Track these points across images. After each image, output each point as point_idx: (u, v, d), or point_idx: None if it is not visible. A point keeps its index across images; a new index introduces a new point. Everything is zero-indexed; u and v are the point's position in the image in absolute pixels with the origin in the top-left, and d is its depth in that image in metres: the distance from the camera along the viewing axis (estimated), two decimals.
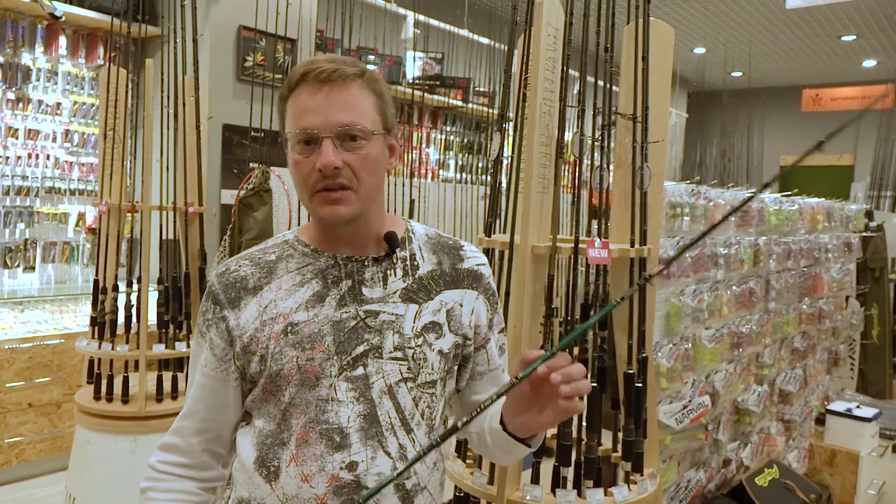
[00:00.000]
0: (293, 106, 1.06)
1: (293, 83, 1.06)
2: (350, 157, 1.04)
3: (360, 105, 1.05)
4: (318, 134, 1.03)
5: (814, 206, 3.76)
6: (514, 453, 1.14)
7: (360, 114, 1.05)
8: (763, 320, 3.12)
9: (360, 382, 1.06)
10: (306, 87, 1.04)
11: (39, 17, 4.09)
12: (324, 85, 1.03)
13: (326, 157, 1.02)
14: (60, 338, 3.74)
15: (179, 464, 1.14)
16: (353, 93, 1.04)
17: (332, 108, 1.03)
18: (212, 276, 1.13)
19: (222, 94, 4.19)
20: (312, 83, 1.04)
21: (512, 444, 1.09)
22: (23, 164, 4.15)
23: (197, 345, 1.14)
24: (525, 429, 1.05)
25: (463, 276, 1.18)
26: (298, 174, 1.06)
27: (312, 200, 1.06)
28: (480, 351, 1.21)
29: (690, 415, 2.41)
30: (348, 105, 1.04)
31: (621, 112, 1.99)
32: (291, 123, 1.06)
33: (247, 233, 2.97)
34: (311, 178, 1.04)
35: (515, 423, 1.06)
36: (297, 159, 1.05)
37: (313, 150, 1.03)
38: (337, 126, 1.03)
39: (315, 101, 1.03)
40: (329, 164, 1.02)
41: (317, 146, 1.03)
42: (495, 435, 1.11)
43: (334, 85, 1.03)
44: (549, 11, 1.78)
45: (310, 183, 1.04)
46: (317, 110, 1.03)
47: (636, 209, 1.95)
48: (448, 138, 6.39)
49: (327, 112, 1.03)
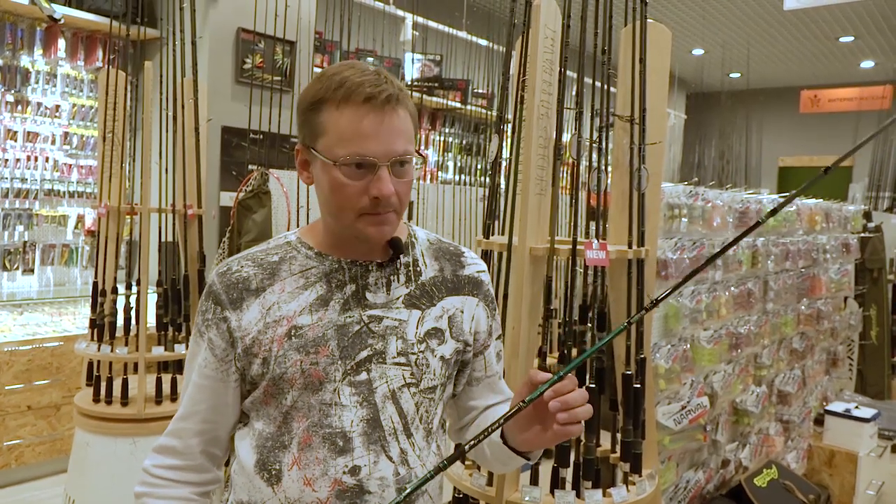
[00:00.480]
0: (347, 126, 1.02)
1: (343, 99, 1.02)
2: (398, 183, 1.04)
3: (409, 130, 1.05)
4: (377, 162, 1.01)
5: (812, 207, 3.77)
6: (511, 464, 1.15)
7: (409, 139, 1.05)
8: (761, 321, 3.13)
9: (363, 387, 1.07)
10: (367, 110, 1.01)
11: (38, 19, 4.09)
12: (384, 111, 1.01)
13: (388, 187, 1.01)
14: (59, 340, 3.74)
15: (176, 467, 1.12)
16: (404, 118, 1.04)
17: (392, 135, 1.02)
18: (212, 276, 1.12)
19: (221, 96, 4.20)
20: (374, 107, 1.01)
21: (511, 456, 1.11)
22: (22, 167, 4.16)
23: (195, 344, 1.12)
24: (526, 444, 1.07)
25: (464, 282, 1.19)
26: (344, 196, 1.03)
27: (359, 221, 1.05)
28: (478, 357, 1.22)
29: (689, 415, 2.42)
30: (402, 132, 1.03)
31: (619, 114, 2.00)
32: (341, 144, 1.02)
33: (246, 235, 2.97)
34: (361, 202, 1.03)
35: (517, 438, 1.08)
36: (345, 182, 1.02)
37: (364, 175, 1.02)
38: (394, 155, 1.02)
39: (377, 128, 1.01)
40: (390, 193, 1.02)
41: (369, 172, 1.02)
42: (495, 447, 1.13)
43: (392, 108, 1.02)
44: (546, 14, 1.79)
45: (358, 206, 1.03)
46: (378, 137, 1.01)
47: (634, 210, 1.95)
48: (447, 140, 6.40)
49: (387, 140, 1.02)
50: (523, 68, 1.89)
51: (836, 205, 4.21)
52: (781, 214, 3.35)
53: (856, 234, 4.52)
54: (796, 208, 3.54)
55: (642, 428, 1.95)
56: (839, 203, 4.30)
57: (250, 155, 4.04)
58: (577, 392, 0.97)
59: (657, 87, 2.03)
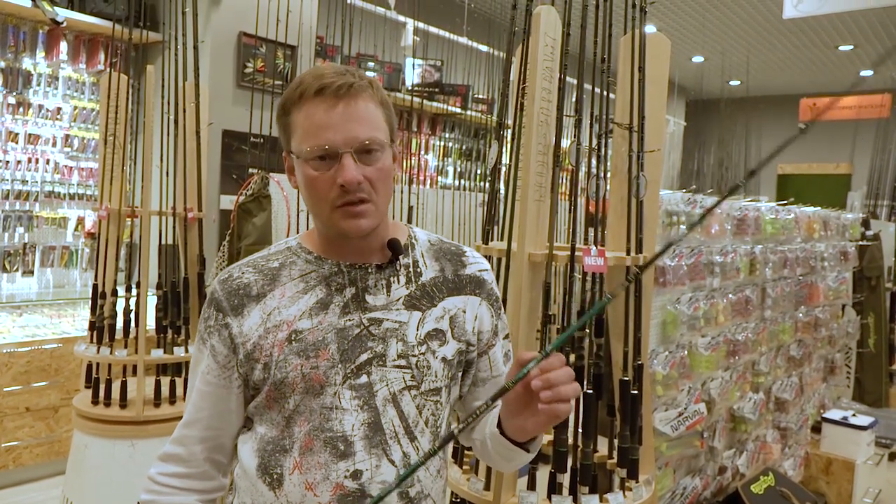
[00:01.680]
0: (305, 121, 1.04)
1: (299, 97, 1.04)
2: (369, 170, 1.04)
3: (374, 118, 1.05)
4: (338, 150, 1.02)
5: (810, 215, 3.78)
6: (515, 459, 1.14)
7: (374, 127, 1.05)
8: (759, 328, 3.13)
9: (364, 390, 1.06)
10: (319, 102, 1.03)
11: (41, 22, 4.11)
12: (339, 100, 1.03)
13: (350, 173, 1.02)
14: (59, 342, 3.74)
15: (181, 475, 1.12)
16: (366, 106, 1.05)
17: (350, 122, 1.03)
18: (214, 283, 1.13)
19: (222, 100, 4.21)
20: (327, 98, 1.02)
21: (511, 448, 1.09)
22: (23, 169, 4.16)
23: (198, 351, 1.13)
24: (521, 432, 1.05)
25: (465, 282, 1.18)
26: (316, 189, 1.05)
27: (333, 215, 1.05)
28: (483, 357, 1.21)
29: (686, 422, 2.42)
30: (364, 119, 1.04)
31: (618, 121, 2.01)
32: (304, 139, 1.04)
33: (245, 238, 2.98)
34: (331, 194, 1.04)
35: (511, 426, 1.06)
36: (314, 175, 1.04)
37: (330, 165, 1.03)
38: (356, 141, 1.03)
39: (332, 117, 1.02)
40: (353, 179, 1.02)
41: (334, 162, 1.03)
42: (494, 439, 1.12)
43: (349, 98, 1.03)
44: (546, 21, 1.80)
45: (329, 198, 1.04)
46: (335, 126, 1.02)
47: (632, 217, 1.96)
48: (447, 145, 6.41)
49: (346, 127, 1.02)
50: (523, 75, 1.90)
51: (835, 213, 4.23)
52: (780, 222, 3.36)
53: (854, 242, 4.53)
54: (794, 216, 3.55)
55: (639, 434, 1.95)
56: (837, 211, 4.31)
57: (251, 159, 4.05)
58: (562, 370, 0.94)
59: (656, 95, 2.04)
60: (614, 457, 1.97)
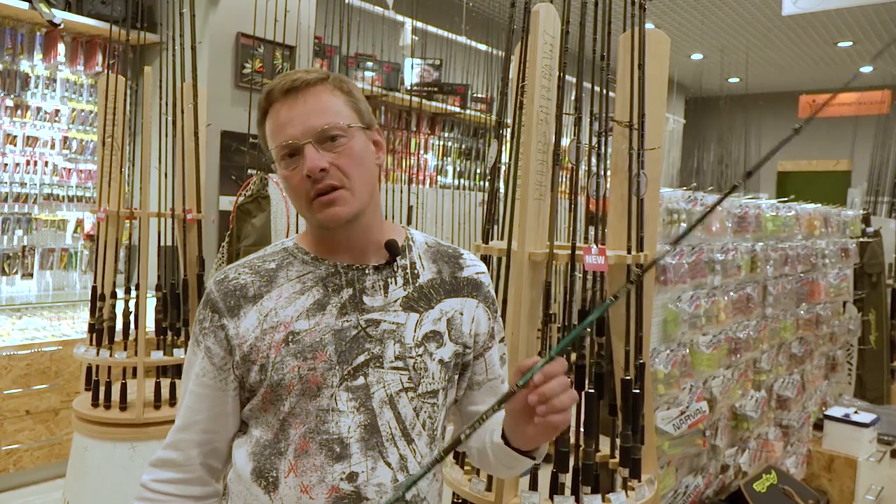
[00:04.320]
0: (269, 125, 1.08)
1: (268, 105, 1.08)
2: (334, 156, 1.05)
3: (332, 106, 1.07)
4: (299, 142, 1.04)
5: (811, 212, 3.77)
6: (517, 467, 1.13)
7: (333, 114, 1.06)
8: (760, 326, 3.12)
9: (360, 392, 1.06)
10: (276, 104, 1.07)
11: (38, 24, 4.10)
12: (291, 95, 1.06)
13: (311, 161, 1.03)
14: (58, 345, 3.73)
15: (175, 480, 1.11)
16: (322, 97, 1.06)
17: (306, 115, 1.05)
18: (209, 284, 1.12)
19: (221, 100, 4.20)
20: (281, 98, 1.06)
21: (515, 457, 1.08)
22: (21, 171, 4.16)
23: (192, 353, 1.12)
24: (528, 441, 1.04)
25: (463, 284, 1.18)
26: (290, 187, 1.07)
27: (311, 208, 1.06)
28: (479, 360, 1.20)
29: (688, 421, 2.41)
30: (320, 109, 1.06)
31: (618, 119, 2.00)
32: (272, 140, 1.08)
33: (245, 239, 2.97)
34: (303, 187, 1.05)
35: (515, 435, 1.05)
36: (287, 174, 1.06)
37: (298, 160, 1.05)
38: (314, 130, 1.04)
39: (289, 114, 1.05)
40: (315, 167, 1.03)
41: (300, 156, 1.04)
42: (497, 449, 1.10)
43: (301, 92, 1.06)
44: (545, 19, 1.79)
45: (302, 192, 1.05)
46: (292, 121, 1.05)
47: (633, 216, 1.95)
48: (446, 144, 6.41)
49: (302, 120, 1.05)
50: (523, 73, 1.89)
51: (835, 209, 4.22)
52: (780, 219, 3.35)
53: (855, 238, 4.52)
54: (795, 213, 3.54)
55: (641, 433, 1.94)
56: (838, 208, 4.31)
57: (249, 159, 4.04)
58: (556, 381, 0.93)
59: (656, 92, 2.03)
60: (616, 456, 1.97)
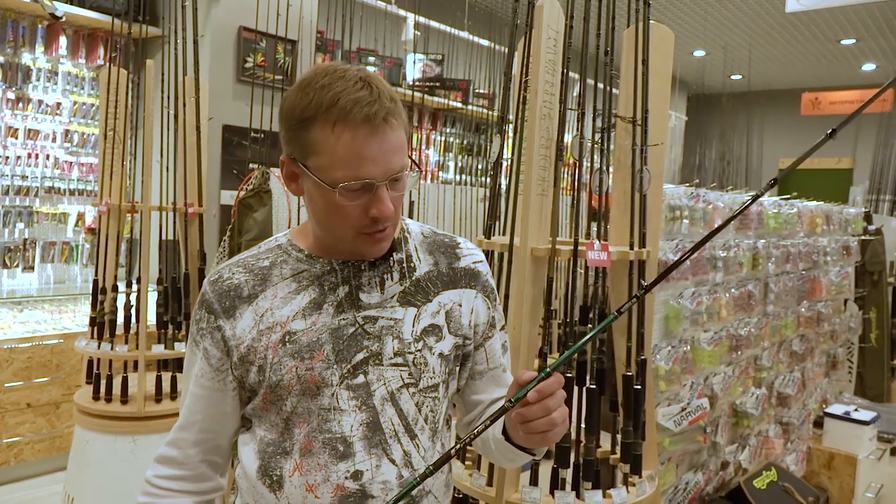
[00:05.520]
0: (341, 150, 0.97)
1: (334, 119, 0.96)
2: (395, 196, 1.02)
3: (404, 143, 1.01)
4: (376, 182, 0.98)
5: (812, 210, 3.77)
6: (517, 461, 1.13)
7: (404, 152, 1.01)
8: (761, 323, 3.12)
9: (361, 390, 1.05)
10: (359, 131, 0.96)
11: (40, 17, 4.09)
12: (381, 132, 0.97)
13: (388, 207, 0.99)
14: (59, 338, 3.74)
15: (177, 477, 1.12)
16: (398, 132, 1.00)
17: (389, 154, 0.98)
18: (204, 284, 1.11)
19: (222, 94, 4.20)
20: (369, 128, 0.96)
21: (516, 452, 1.09)
22: (22, 164, 4.16)
23: (191, 353, 1.11)
24: (530, 443, 1.05)
25: (460, 275, 1.17)
26: (344, 216, 1.00)
27: (357, 239, 1.03)
28: (479, 350, 1.19)
29: (689, 417, 2.42)
30: (398, 148, 1.00)
31: (621, 115, 2.00)
32: (338, 167, 0.97)
33: (246, 234, 2.97)
34: (361, 222, 1.00)
35: (516, 434, 1.05)
36: (345, 203, 0.99)
37: (362, 195, 0.98)
38: (391, 173, 0.99)
39: (372, 149, 0.97)
40: (390, 213, 1.00)
41: (367, 192, 0.98)
42: (498, 443, 1.11)
43: (386, 128, 0.98)
44: (549, 14, 1.79)
45: (358, 225, 1.01)
46: (374, 159, 0.97)
47: (635, 212, 1.95)
48: (448, 140, 6.40)
49: (385, 160, 0.98)
50: (526, 69, 1.89)
51: (837, 207, 4.21)
52: (782, 217, 3.35)
53: (856, 236, 4.52)
54: (797, 211, 3.54)
55: (642, 429, 1.95)
56: (840, 206, 4.30)
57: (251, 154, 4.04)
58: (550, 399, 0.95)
59: (659, 88, 2.03)
60: (617, 452, 1.97)
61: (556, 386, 0.94)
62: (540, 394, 0.94)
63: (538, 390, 0.93)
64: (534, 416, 0.95)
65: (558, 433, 0.98)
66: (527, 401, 0.95)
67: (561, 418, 0.96)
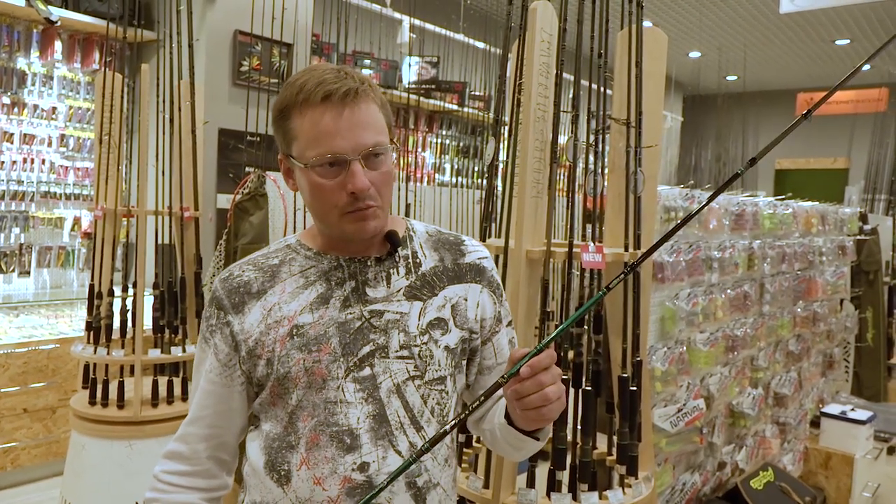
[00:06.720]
0: (311, 128, 1.03)
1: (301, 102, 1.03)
2: (374, 175, 1.05)
3: (378, 122, 1.06)
4: (347, 157, 1.03)
5: (808, 210, 3.78)
6: (524, 448, 1.14)
7: (378, 131, 1.05)
8: (757, 323, 3.13)
9: (367, 383, 1.07)
10: (324, 109, 1.02)
11: (35, 21, 4.09)
12: (344, 106, 1.02)
13: (361, 181, 1.02)
14: (56, 342, 3.73)
15: (184, 472, 1.13)
16: (369, 110, 1.05)
17: (356, 129, 1.03)
18: (215, 282, 1.14)
19: (218, 98, 4.19)
20: (333, 104, 1.02)
21: (519, 437, 1.10)
22: (18, 169, 4.15)
23: (201, 350, 1.14)
24: (527, 421, 1.05)
25: (465, 270, 1.19)
26: (324, 196, 1.05)
27: (342, 220, 1.06)
28: (487, 345, 1.21)
29: (685, 418, 2.42)
30: (369, 124, 1.04)
31: (615, 117, 2.00)
32: (310, 146, 1.03)
33: (242, 237, 2.97)
34: (341, 200, 1.04)
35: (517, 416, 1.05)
36: (321, 182, 1.04)
37: (338, 172, 1.03)
38: (364, 148, 1.03)
39: (339, 124, 1.02)
40: (364, 187, 1.03)
41: (342, 168, 1.03)
42: (502, 429, 1.12)
43: (354, 104, 1.03)
44: (542, 17, 1.79)
45: (339, 204, 1.05)
46: (343, 133, 1.02)
47: (630, 213, 1.96)
48: (444, 142, 6.40)
49: (354, 135, 1.03)
50: (520, 71, 1.89)
51: (833, 207, 4.22)
52: (778, 217, 3.36)
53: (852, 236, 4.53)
54: (793, 211, 3.55)
55: (638, 430, 1.95)
56: (835, 206, 4.31)
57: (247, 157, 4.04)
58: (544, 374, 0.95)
59: (653, 90, 2.04)
60: (613, 453, 1.97)
61: (548, 361, 0.95)
62: (533, 369, 0.95)
63: (531, 365, 0.95)
64: (527, 391, 0.96)
65: (554, 409, 0.98)
66: (521, 377, 0.96)
67: (555, 394, 0.97)
